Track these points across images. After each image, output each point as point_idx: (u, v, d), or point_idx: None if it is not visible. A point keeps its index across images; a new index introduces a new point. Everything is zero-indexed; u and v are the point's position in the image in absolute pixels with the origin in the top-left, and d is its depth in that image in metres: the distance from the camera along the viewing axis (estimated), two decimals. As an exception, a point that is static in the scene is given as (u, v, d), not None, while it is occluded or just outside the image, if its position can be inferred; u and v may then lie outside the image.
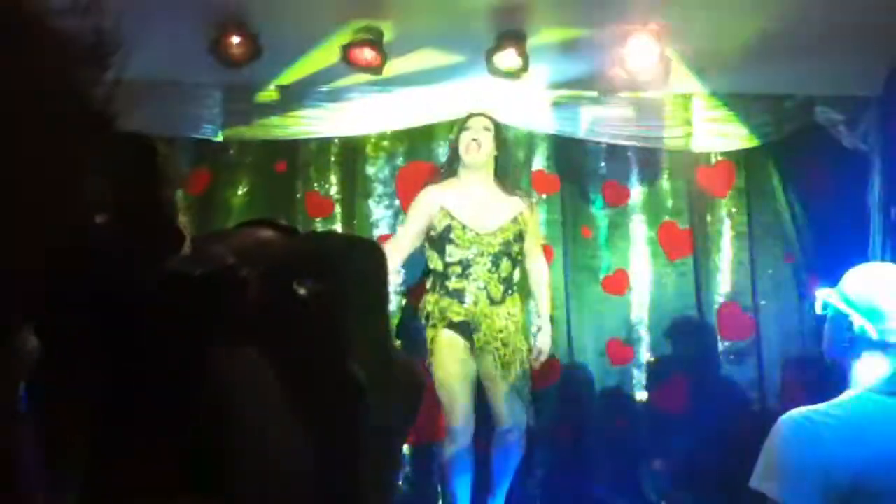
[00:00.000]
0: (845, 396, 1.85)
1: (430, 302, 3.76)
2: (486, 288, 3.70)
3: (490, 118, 3.90)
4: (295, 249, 0.61)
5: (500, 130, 3.91)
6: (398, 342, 4.26)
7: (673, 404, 4.45)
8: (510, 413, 3.75)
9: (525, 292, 3.98)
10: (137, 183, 0.58)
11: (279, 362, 0.56)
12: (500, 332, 3.70)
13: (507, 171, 3.93)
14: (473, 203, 3.76)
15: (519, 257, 3.82)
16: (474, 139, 3.77)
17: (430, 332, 3.75)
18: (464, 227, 3.73)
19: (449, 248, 3.73)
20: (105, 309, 0.52)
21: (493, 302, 3.71)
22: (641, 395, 4.49)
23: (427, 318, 3.75)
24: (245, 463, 0.53)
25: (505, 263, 3.74)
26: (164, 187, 0.62)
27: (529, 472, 4.36)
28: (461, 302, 3.70)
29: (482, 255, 3.71)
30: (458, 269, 3.71)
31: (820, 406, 1.79)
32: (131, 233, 0.56)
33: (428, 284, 3.82)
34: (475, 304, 3.69)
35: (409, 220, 3.89)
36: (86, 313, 0.51)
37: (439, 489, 4.15)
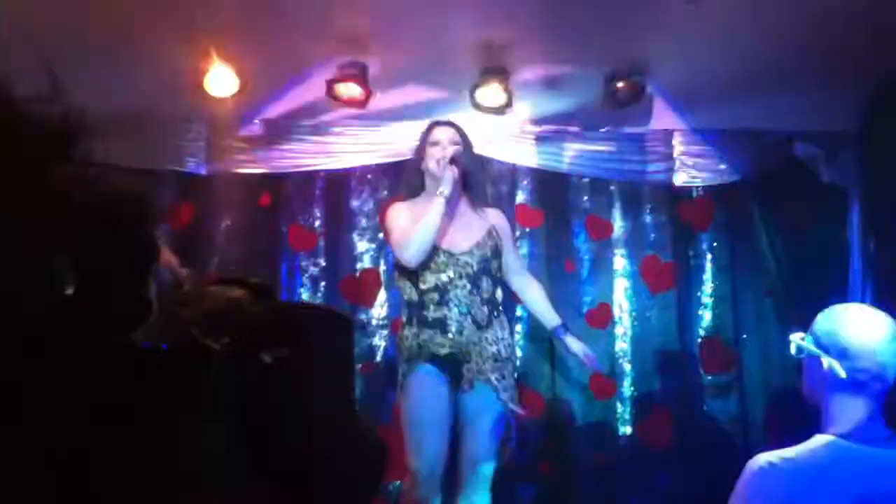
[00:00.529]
0: (813, 441, 1.85)
1: (407, 337, 3.39)
2: (469, 312, 3.33)
3: (456, 128, 3.57)
4: (262, 317, 0.61)
5: (466, 140, 3.56)
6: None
7: (656, 438, 4.44)
8: (488, 453, 3.39)
9: (510, 314, 3.75)
10: (103, 258, 0.59)
11: (243, 430, 0.56)
12: (495, 360, 3.35)
13: (477, 183, 3.60)
14: (444, 221, 3.38)
15: (498, 275, 3.49)
16: (453, 158, 3.42)
17: (402, 368, 3.41)
18: (437, 248, 3.36)
19: (423, 274, 3.36)
20: (69, 383, 0.52)
21: (479, 327, 3.34)
22: (625, 429, 4.48)
23: (404, 353, 3.41)
24: None
25: (486, 283, 3.39)
26: (132, 257, 0.62)
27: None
28: (444, 332, 3.32)
29: (460, 276, 3.34)
30: (436, 296, 3.33)
31: (787, 451, 1.80)
32: (96, 306, 0.56)
33: (403, 317, 3.48)
34: (460, 332, 3.32)
35: (398, 220, 3.47)
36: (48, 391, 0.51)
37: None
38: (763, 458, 1.77)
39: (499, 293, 3.49)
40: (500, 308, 3.49)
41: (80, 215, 0.53)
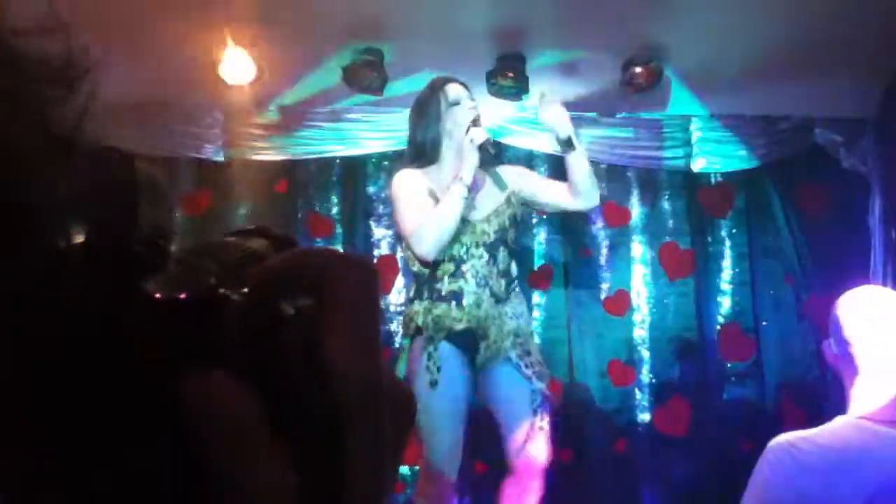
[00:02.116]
0: (835, 422, 1.84)
1: (418, 312, 3.04)
2: (487, 284, 3.04)
3: (464, 85, 3.25)
4: (283, 265, 0.60)
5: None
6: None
7: (675, 426, 4.43)
8: (533, 445, 3.05)
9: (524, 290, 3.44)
10: (111, 202, 0.58)
11: (263, 386, 0.55)
12: (516, 335, 3.06)
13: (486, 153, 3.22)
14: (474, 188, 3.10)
15: (514, 246, 3.22)
16: (474, 120, 3.10)
17: (426, 346, 3.01)
18: None
19: None
20: (78, 335, 0.51)
21: (497, 300, 3.06)
22: (643, 417, 4.47)
23: (417, 331, 3.03)
24: (225, 496, 0.52)
25: (502, 254, 3.10)
26: (141, 202, 0.61)
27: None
28: (460, 305, 3.01)
29: (476, 245, 3.06)
30: (451, 267, 3.04)
31: (808, 432, 1.78)
32: (106, 253, 0.55)
33: (412, 291, 3.16)
34: (478, 305, 3.02)
35: (412, 199, 3.09)
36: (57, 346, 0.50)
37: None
38: (784, 439, 1.76)
39: (514, 267, 3.21)
40: (516, 282, 3.22)
41: (84, 162, 0.52)
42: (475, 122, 3.08)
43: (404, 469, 3.97)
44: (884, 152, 4.23)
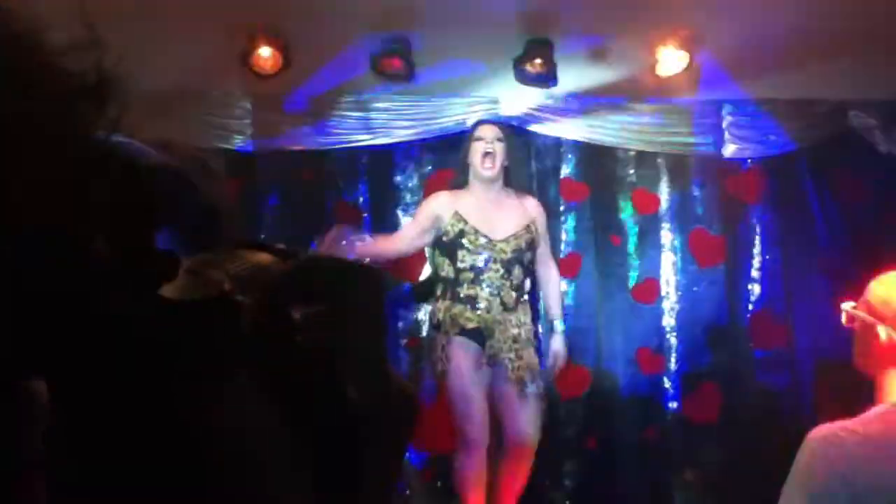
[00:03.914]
0: (874, 411, 1.80)
1: (440, 309, 3.66)
2: (499, 294, 3.62)
3: (500, 126, 3.84)
4: (290, 274, 0.61)
5: (510, 139, 3.82)
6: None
7: (704, 414, 4.40)
8: (522, 431, 3.62)
9: (532, 303, 3.90)
10: (133, 210, 0.59)
11: (274, 389, 0.55)
12: (514, 341, 3.62)
13: (518, 178, 3.90)
14: (486, 210, 3.70)
15: (531, 266, 3.76)
16: (488, 152, 3.69)
17: (441, 340, 3.64)
18: (476, 232, 3.65)
19: (461, 254, 3.65)
20: (99, 338, 0.52)
21: (505, 308, 3.63)
22: (672, 405, 4.44)
23: (438, 325, 3.66)
24: (239, 495, 0.53)
25: (517, 271, 3.67)
26: (162, 210, 0.62)
27: (558, 483, 4.33)
28: (474, 308, 3.61)
29: (494, 261, 3.63)
30: (471, 276, 3.63)
31: (849, 422, 1.75)
32: (126, 260, 0.56)
33: (438, 292, 3.72)
34: (488, 310, 3.61)
35: (417, 219, 3.85)
36: (81, 349, 0.51)
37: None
38: (826, 430, 1.72)
39: (527, 283, 3.76)
40: (527, 295, 3.76)
41: (114, 173, 0.53)
42: (485, 156, 3.68)
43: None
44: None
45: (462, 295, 3.63)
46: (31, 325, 0.48)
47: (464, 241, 3.64)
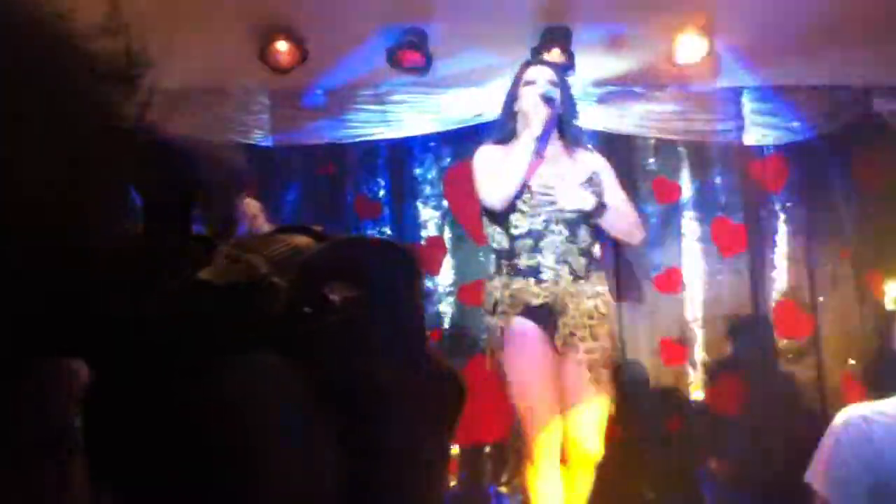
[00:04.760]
0: None
1: (496, 287, 3.06)
2: (567, 260, 3.00)
3: (553, 67, 3.28)
4: (327, 255, 0.61)
5: (563, 81, 3.26)
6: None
7: (729, 404, 4.37)
8: (584, 435, 2.99)
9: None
10: (170, 192, 0.59)
11: (309, 371, 0.55)
12: (590, 317, 2.99)
13: (573, 126, 3.27)
14: (540, 163, 3.09)
15: (598, 228, 3.15)
16: (545, 96, 3.10)
17: (497, 322, 3.04)
18: (530, 188, 3.05)
19: (515, 218, 3.04)
20: (134, 321, 0.52)
21: (577, 277, 3.00)
22: (696, 395, 4.41)
23: (494, 306, 3.05)
24: (269, 478, 0.53)
25: (583, 232, 3.06)
26: (198, 194, 0.62)
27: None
28: (538, 280, 2.99)
29: (556, 222, 3.02)
30: (530, 242, 3.01)
31: (879, 403, 1.74)
32: (160, 243, 0.57)
33: (492, 268, 3.15)
34: (556, 281, 2.99)
35: (485, 167, 3.16)
36: (118, 329, 0.52)
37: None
38: (855, 411, 1.72)
39: (597, 247, 3.14)
40: (598, 262, 3.15)
41: (147, 154, 0.54)
42: (547, 100, 3.10)
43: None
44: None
45: (522, 266, 3.01)
46: (69, 306, 0.48)
47: (517, 202, 3.04)
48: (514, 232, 3.05)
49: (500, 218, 3.08)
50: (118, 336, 0.52)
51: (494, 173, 3.08)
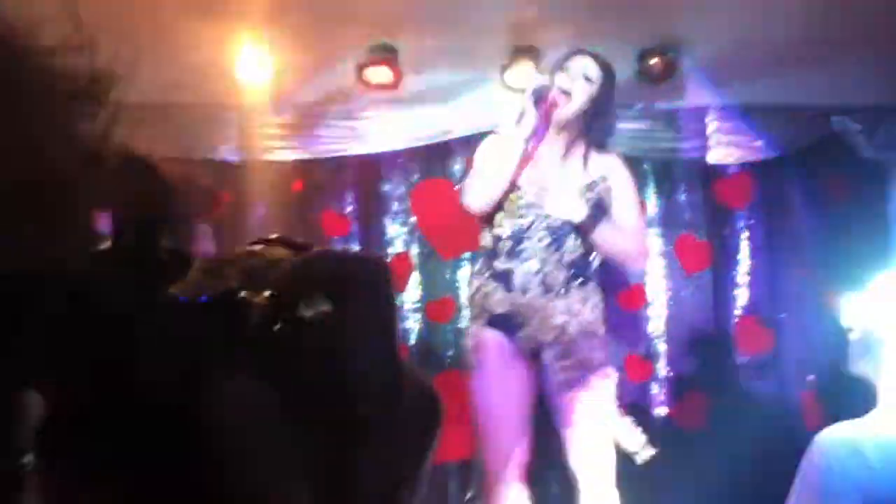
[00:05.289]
0: (882, 413, 1.80)
1: (473, 287, 2.90)
2: (541, 271, 2.77)
3: (599, 62, 2.92)
4: (301, 269, 0.61)
5: (608, 78, 2.92)
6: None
7: (693, 419, 4.41)
8: (581, 461, 2.83)
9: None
10: (138, 209, 0.59)
11: (283, 387, 0.55)
12: (562, 332, 2.76)
13: (600, 126, 2.96)
14: (541, 161, 2.83)
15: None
16: (564, 90, 2.81)
17: (470, 328, 2.90)
18: (519, 189, 2.80)
19: (499, 217, 2.82)
20: (106, 338, 0.52)
21: (548, 290, 2.75)
22: (660, 411, 4.45)
23: (469, 308, 2.93)
24: (239, 493, 0.53)
25: (572, 242, 2.79)
26: (169, 210, 0.62)
27: (545, 492, 4.32)
28: (507, 288, 2.78)
29: (539, 227, 2.78)
30: (509, 245, 2.79)
31: (856, 423, 1.74)
32: (133, 260, 0.57)
33: (476, 266, 2.98)
34: (524, 291, 2.77)
35: (482, 155, 2.95)
36: (86, 352, 0.51)
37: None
38: (835, 431, 1.71)
39: (592, 259, 2.87)
40: (591, 277, 2.88)
41: (112, 172, 0.53)
42: (540, 96, 2.82)
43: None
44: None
45: (498, 270, 2.80)
46: (35, 325, 0.48)
47: (503, 200, 2.82)
48: (497, 232, 2.84)
49: (490, 216, 2.87)
50: (85, 354, 0.51)
51: (483, 170, 2.85)
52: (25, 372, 0.51)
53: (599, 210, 2.82)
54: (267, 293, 0.58)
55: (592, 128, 2.91)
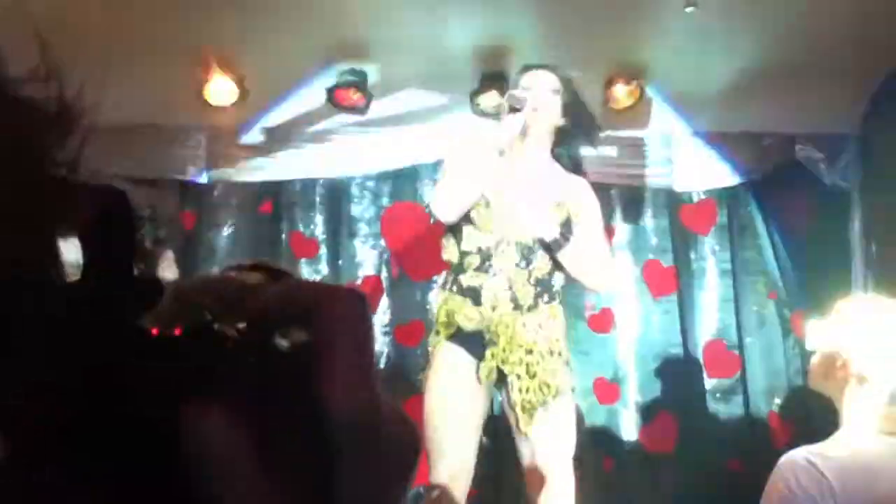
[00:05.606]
0: (845, 435, 1.81)
1: (438, 302, 2.85)
2: (510, 288, 2.73)
3: (560, 76, 2.90)
4: (276, 299, 0.60)
5: (571, 92, 2.91)
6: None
7: (661, 442, 4.43)
8: (539, 481, 2.72)
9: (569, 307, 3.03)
10: (109, 238, 0.58)
11: (258, 418, 0.55)
12: (528, 352, 2.70)
13: (572, 146, 2.95)
14: (511, 176, 2.78)
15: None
16: (534, 108, 2.76)
17: (432, 342, 2.82)
18: (488, 203, 2.76)
19: (467, 231, 2.77)
20: (77, 371, 0.51)
21: (517, 307, 2.72)
22: (630, 434, 4.46)
23: (434, 324, 2.85)
24: None
25: (540, 260, 2.76)
26: (139, 237, 0.61)
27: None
28: (476, 303, 2.73)
29: (508, 243, 2.75)
30: (476, 261, 2.74)
31: (819, 446, 1.75)
32: (105, 289, 0.56)
33: (441, 280, 2.94)
34: (493, 307, 2.72)
35: (452, 160, 2.84)
36: (55, 387, 0.50)
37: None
38: (798, 456, 1.72)
39: (558, 277, 2.83)
40: (557, 295, 2.84)
41: (81, 200, 0.53)
42: (515, 107, 2.74)
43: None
44: (864, 167, 4.27)
45: (464, 285, 2.75)
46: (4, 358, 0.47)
47: (472, 214, 2.75)
48: (464, 247, 2.78)
49: (456, 229, 2.81)
50: (53, 390, 0.50)
51: (455, 177, 2.75)
52: None
53: (567, 230, 2.78)
54: (242, 325, 0.58)
55: (563, 140, 2.93)
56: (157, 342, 0.53)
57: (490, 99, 3.99)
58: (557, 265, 2.80)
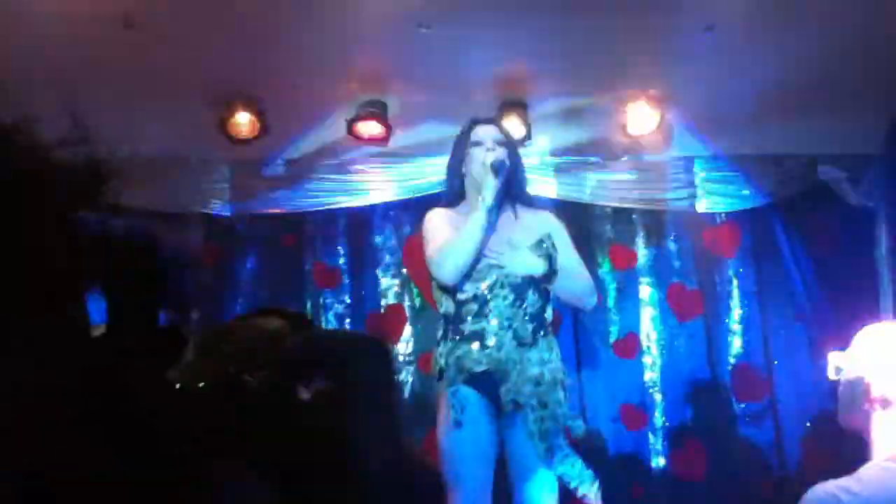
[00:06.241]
0: (871, 468, 1.77)
1: (442, 353, 2.97)
2: (511, 326, 2.90)
3: (499, 127, 3.21)
4: (299, 349, 0.61)
5: (510, 140, 3.20)
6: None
7: (691, 469, 4.37)
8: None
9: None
10: (136, 296, 0.59)
11: (283, 469, 0.55)
12: (537, 383, 2.86)
13: (520, 185, 3.16)
14: (498, 226, 3.01)
15: (549, 292, 3.04)
16: (493, 166, 2.97)
17: (444, 392, 2.94)
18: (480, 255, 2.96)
19: (462, 283, 2.95)
20: (105, 426, 0.51)
21: (521, 343, 2.89)
22: (658, 460, 4.41)
23: (440, 374, 2.97)
24: None
25: (532, 297, 2.95)
26: (165, 293, 0.62)
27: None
28: (482, 346, 2.89)
29: (502, 286, 2.93)
30: (474, 307, 2.92)
31: (845, 480, 1.71)
32: (131, 344, 0.56)
33: (439, 334, 3.06)
34: (499, 347, 2.89)
35: (436, 231, 3.04)
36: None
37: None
38: (823, 492, 1.68)
39: (548, 311, 3.05)
40: (549, 328, 3.05)
41: (110, 258, 0.53)
42: (495, 166, 2.97)
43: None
44: (890, 186, 4.23)
45: (466, 332, 2.92)
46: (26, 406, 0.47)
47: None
48: (460, 297, 2.96)
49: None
50: (81, 442, 0.50)
51: (445, 244, 2.96)
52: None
53: (552, 262, 2.98)
54: (265, 373, 0.58)
55: (514, 186, 3.11)
56: (182, 396, 0.53)
57: (509, 126, 3.99)
58: (546, 299, 3.02)
